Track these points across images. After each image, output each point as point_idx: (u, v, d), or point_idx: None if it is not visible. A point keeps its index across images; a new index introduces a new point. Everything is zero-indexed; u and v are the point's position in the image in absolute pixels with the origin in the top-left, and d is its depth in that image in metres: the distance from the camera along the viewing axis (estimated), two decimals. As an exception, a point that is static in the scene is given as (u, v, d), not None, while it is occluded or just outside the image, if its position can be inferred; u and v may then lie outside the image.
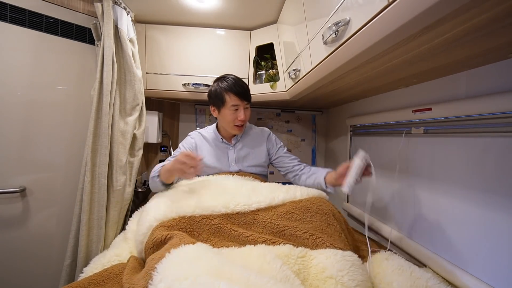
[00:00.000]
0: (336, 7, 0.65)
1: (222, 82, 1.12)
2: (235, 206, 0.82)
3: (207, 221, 0.78)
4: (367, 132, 1.21)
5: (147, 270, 0.60)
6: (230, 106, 1.09)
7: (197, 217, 0.78)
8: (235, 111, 1.11)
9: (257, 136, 1.25)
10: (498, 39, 0.48)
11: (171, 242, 0.68)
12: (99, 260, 0.83)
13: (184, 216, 0.78)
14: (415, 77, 0.79)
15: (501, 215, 0.59)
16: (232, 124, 1.13)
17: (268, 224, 0.79)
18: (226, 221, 0.79)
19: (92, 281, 0.65)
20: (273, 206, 0.84)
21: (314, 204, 0.85)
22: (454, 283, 0.67)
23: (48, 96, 1.16)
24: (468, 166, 0.68)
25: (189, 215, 0.79)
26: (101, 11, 1.12)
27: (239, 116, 1.10)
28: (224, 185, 0.97)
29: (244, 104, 1.11)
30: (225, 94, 1.09)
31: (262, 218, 0.80)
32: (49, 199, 1.18)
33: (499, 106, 0.58)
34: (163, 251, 0.63)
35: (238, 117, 1.11)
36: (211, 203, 0.82)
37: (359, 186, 1.26)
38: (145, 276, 0.59)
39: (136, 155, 1.31)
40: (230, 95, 1.09)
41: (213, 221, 0.78)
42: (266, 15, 1.34)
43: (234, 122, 1.12)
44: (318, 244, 0.73)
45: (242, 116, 1.10)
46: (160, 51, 1.46)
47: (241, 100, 1.09)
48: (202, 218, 0.78)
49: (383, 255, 0.80)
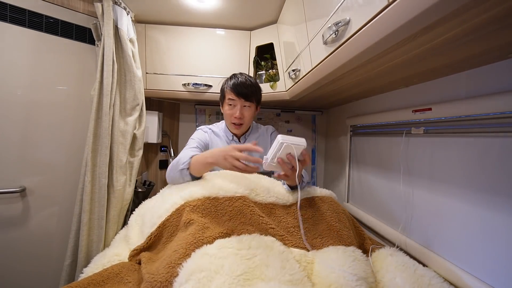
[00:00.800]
0: (336, 7, 0.65)
1: (230, 78, 1.12)
2: (256, 195, 0.86)
3: (230, 202, 0.81)
4: (367, 132, 1.21)
5: (170, 262, 0.62)
6: (227, 100, 1.10)
7: (220, 198, 0.82)
8: (231, 107, 1.10)
9: (263, 133, 1.25)
10: (498, 39, 0.48)
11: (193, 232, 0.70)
12: (99, 260, 0.84)
13: (209, 197, 0.81)
14: (415, 77, 0.79)
15: (501, 215, 0.59)
16: (229, 121, 1.13)
17: (283, 220, 0.82)
18: (247, 204, 0.81)
19: (92, 281, 0.65)
20: (288, 205, 0.88)
21: (325, 203, 0.91)
22: (454, 283, 0.67)
23: (48, 96, 1.16)
24: (468, 166, 0.68)
25: (213, 196, 0.82)
26: (101, 11, 1.12)
27: (234, 113, 1.09)
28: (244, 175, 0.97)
29: (241, 101, 1.08)
30: (225, 89, 1.11)
31: (278, 213, 0.84)
32: (49, 199, 1.18)
33: (499, 106, 0.58)
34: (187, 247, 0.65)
35: (233, 114, 1.09)
36: (233, 186, 0.86)
37: (359, 187, 1.26)
38: (167, 268, 0.61)
39: (136, 155, 1.31)
40: (227, 89, 1.09)
41: (235, 203, 0.80)
42: (266, 15, 1.34)
43: (230, 119, 1.11)
44: (324, 243, 0.77)
45: (238, 114, 1.08)
46: (160, 51, 1.46)
47: (237, 97, 1.07)
48: (225, 200, 0.81)
49: (388, 251, 0.80)
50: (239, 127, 1.14)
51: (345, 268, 0.65)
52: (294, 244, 0.75)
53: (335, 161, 1.64)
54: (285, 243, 0.75)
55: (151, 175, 1.77)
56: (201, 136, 1.16)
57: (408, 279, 0.66)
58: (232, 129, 1.15)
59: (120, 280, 0.67)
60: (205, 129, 1.21)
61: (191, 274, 0.57)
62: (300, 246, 0.76)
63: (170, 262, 0.62)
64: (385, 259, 0.77)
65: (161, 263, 0.64)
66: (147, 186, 1.55)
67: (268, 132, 1.25)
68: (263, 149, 1.13)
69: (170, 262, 0.62)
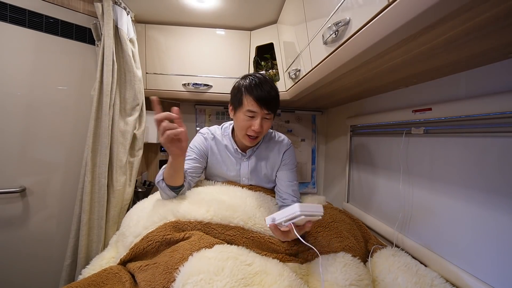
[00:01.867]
0: (336, 7, 0.65)
1: (246, 79, 0.94)
2: (253, 225, 0.81)
3: (223, 230, 0.77)
4: (367, 132, 1.21)
5: (167, 268, 0.61)
6: (246, 111, 0.91)
7: (213, 224, 0.79)
8: (250, 118, 0.92)
9: (274, 146, 1.08)
10: (498, 39, 0.48)
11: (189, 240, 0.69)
12: (97, 261, 0.84)
13: (202, 221, 0.78)
14: (415, 77, 0.79)
15: (502, 215, 0.59)
16: (243, 132, 0.95)
17: (279, 249, 0.79)
18: (240, 235, 0.78)
19: (92, 282, 0.65)
20: None
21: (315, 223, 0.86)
22: (455, 283, 0.67)
23: (48, 96, 1.16)
24: (468, 166, 0.68)
25: (206, 221, 0.79)
26: (101, 11, 1.12)
27: (253, 125, 0.91)
28: (243, 199, 0.92)
29: (263, 113, 0.91)
30: (244, 95, 0.92)
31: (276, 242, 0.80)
32: (49, 199, 1.18)
33: (499, 106, 0.58)
34: (184, 252, 0.65)
35: (252, 126, 0.92)
36: (229, 214, 0.81)
37: (359, 187, 1.26)
38: (164, 274, 0.60)
39: (136, 155, 1.31)
40: (248, 98, 0.90)
41: (228, 231, 0.77)
42: (266, 15, 1.34)
43: (247, 131, 0.94)
44: (315, 255, 0.77)
45: (257, 127, 0.90)
46: (160, 51, 1.46)
47: (260, 107, 0.89)
48: (218, 227, 0.78)
49: (390, 251, 0.80)
50: (255, 140, 0.97)
51: (337, 274, 0.66)
52: (288, 260, 0.77)
53: (335, 161, 1.64)
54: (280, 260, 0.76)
55: (151, 175, 1.77)
56: (199, 144, 1.04)
57: (410, 280, 0.66)
58: (246, 141, 0.97)
59: (119, 280, 0.67)
60: (205, 134, 1.07)
61: (188, 277, 0.56)
62: (294, 260, 0.77)
63: (166, 268, 0.61)
64: (387, 260, 0.77)
65: (157, 269, 0.63)
66: (147, 186, 1.55)
67: (281, 151, 1.07)
68: (267, 160, 1.04)
69: (166, 268, 0.61)
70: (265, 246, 0.78)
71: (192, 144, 1.05)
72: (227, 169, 1.07)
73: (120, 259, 0.75)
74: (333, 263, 0.70)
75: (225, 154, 1.06)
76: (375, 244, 0.88)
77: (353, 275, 0.66)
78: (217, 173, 1.08)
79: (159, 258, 0.68)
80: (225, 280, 0.56)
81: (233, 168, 1.06)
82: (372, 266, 0.77)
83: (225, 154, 1.06)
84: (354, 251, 0.77)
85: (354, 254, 0.75)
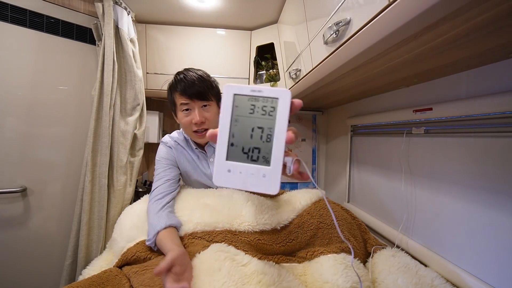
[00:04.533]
0: (337, 7, 0.65)
1: (175, 79, 0.92)
2: (239, 225, 0.78)
3: (210, 237, 0.75)
4: (368, 132, 1.20)
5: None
6: (180, 106, 0.90)
7: (199, 233, 0.77)
8: (187, 112, 0.89)
9: None
10: (498, 39, 0.48)
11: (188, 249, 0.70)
12: (97, 262, 0.85)
13: (186, 233, 0.77)
14: (415, 77, 0.79)
15: (502, 215, 0.59)
16: (190, 130, 0.91)
17: (272, 248, 0.78)
18: (229, 239, 0.75)
19: (92, 282, 0.65)
20: (278, 230, 0.82)
21: (314, 218, 0.84)
22: (455, 283, 0.67)
23: (49, 96, 1.17)
24: (469, 166, 0.68)
25: (190, 232, 0.77)
26: (102, 11, 1.12)
27: (193, 119, 0.88)
28: (228, 197, 0.88)
29: (197, 103, 0.88)
30: (173, 94, 0.91)
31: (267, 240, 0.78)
32: (49, 199, 1.19)
33: (500, 106, 0.58)
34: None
35: (192, 120, 0.88)
36: (214, 219, 0.79)
37: (359, 187, 1.26)
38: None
39: (137, 155, 1.31)
40: (176, 95, 0.90)
41: (215, 237, 0.75)
42: (266, 15, 1.34)
43: (191, 127, 0.90)
44: (315, 254, 0.76)
45: (197, 118, 0.87)
46: (161, 51, 1.46)
47: (190, 99, 0.87)
48: (205, 234, 0.76)
49: (390, 251, 0.80)
50: (203, 134, 0.91)
51: (337, 276, 0.66)
52: (283, 260, 0.76)
53: (336, 161, 1.64)
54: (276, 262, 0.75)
55: (151, 175, 1.77)
56: (165, 154, 0.98)
57: (410, 280, 0.66)
58: (196, 138, 0.93)
59: (118, 282, 0.67)
60: (168, 143, 1.00)
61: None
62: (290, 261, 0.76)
63: None
64: (386, 260, 0.76)
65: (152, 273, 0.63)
66: (147, 186, 1.55)
67: None
68: None
69: None
70: (257, 248, 0.76)
71: (159, 156, 0.98)
72: (200, 172, 0.99)
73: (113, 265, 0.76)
74: (334, 265, 0.70)
75: (193, 157, 1.00)
76: (374, 244, 0.88)
77: (353, 277, 0.66)
78: (193, 178, 1.01)
79: (158, 262, 0.68)
80: (222, 280, 0.56)
81: (206, 171, 0.99)
82: (372, 267, 0.77)
83: (193, 157, 1.00)
84: (354, 253, 0.77)
85: (354, 256, 0.75)
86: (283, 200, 0.94)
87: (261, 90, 0.35)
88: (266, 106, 0.35)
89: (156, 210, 0.82)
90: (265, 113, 0.35)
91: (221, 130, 0.36)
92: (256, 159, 0.35)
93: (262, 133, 0.35)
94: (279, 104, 0.34)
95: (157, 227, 0.75)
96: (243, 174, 0.35)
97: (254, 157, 0.35)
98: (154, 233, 0.75)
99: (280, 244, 0.78)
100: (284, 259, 0.77)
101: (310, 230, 0.82)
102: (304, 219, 0.84)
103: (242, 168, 0.35)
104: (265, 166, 0.35)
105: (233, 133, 0.36)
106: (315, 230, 0.82)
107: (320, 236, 0.81)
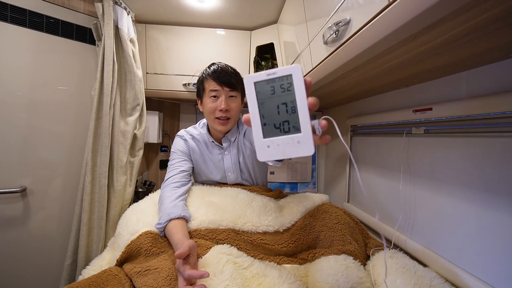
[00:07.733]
0: (337, 7, 0.65)
1: (206, 69, 0.99)
2: (243, 224, 0.80)
3: (213, 235, 0.76)
4: (368, 132, 1.21)
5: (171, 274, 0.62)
6: (208, 92, 0.94)
7: (202, 230, 0.77)
8: (214, 98, 0.94)
9: (251, 134, 1.03)
10: (498, 39, 0.48)
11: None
12: (97, 262, 0.84)
13: (190, 230, 0.78)
14: (415, 77, 0.79)
15: (502, 215, 0.59)
16: (212, 116, 0.95)
17: (275, 248, 0.78)
18: (232, 237, 0.76)
19: (92, 282, 0.65)
20: (281, 232, 0.83)
21: (317, 220, 0.85)
22: (455, 283, 0.67)
23: (49, 96, 1.17)
24: (468, 166, 0.68)
25: (194, 228, 0.78)
26: (102, 11, 1.12)
27: (219, 105, 0.93)
28: (233, 196, 0.90)
29: (226, 91, 0.93)
30: (205, 80, 0.97)
31: (269, 241, 0.78)
32: (49, 199, 1.19)
33: (499, 106, 0.58)
34: None
35: (218, 106, 0.93)
36: (218, 217, 0.80)
37: (359, 187, 1.26)
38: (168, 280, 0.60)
39: (137, 155, 1.31)
40: (209, 80, 0.95)
41: (219, 235, 0.76)
42: (266, 15, 1.34)
43: (215, 113, 0.94)
44: (316, 256, 0.76)
45: (223, 105, 0.92)
46: (161, 51, 1.46)
47: (220, 86, 0.93)
48: (208, 232, 0.77)
49: (388, 253, 0.80)
50: (226, 123, 0.96)
51: (338, 277, 0.66)
52: (285, 261, 0.76)
53: (336, 161, 1.64)
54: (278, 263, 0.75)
55: (151, 175, 1.77)
56: (181, 147, 1.03)
57: (409, 281, 0.66)
58: (217, 126, 0.97)
59: (119, 282, 0.67)
60: (184, 136, 1.06)
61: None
62: (292, 262, 0.77)
63: (170, 273, 0.62)
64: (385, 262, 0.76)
65: (159, 274, 0.63)
66: (147, 186, 1.55)
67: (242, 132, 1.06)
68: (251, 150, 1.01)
69: (170, 273, 0.62)
70: (259, 248, 0.77)
71: (175, 148, 1.03)
72: (212, 166, 1.04)
73: (116, 260, 0.75)
74: (335, 266, 0.69)
75: (206, 152, 1.04)
76: (373, 246, 0.88)
77: (354, 278, 0.66)
78: (203, 174, 1.06)
79: (160, 263, 0.67)
80: (224, 283, 0.57)
81: (218, 164, 1.04)
82: (372, 268, 0.77)
83: (205, 152, 1.04)
84: (355, 255, 0.77)
85: (355, 258, 0.75)
86: (287, 202, 0.95)
87: (275, 72, 0.40)
88: (283, 83, 0.40)
89: (173, 198, 0.84)
90: (284, 90, 0.40)
91: (252, 115, 0.41)
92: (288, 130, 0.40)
93: (286, 107, 0.40)
94: (293, 78, 0.39)
95: (172, 215, 0.77)
96: (281, 146, 0.40)
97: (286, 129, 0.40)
98: (168, 219, 0.76)
99: (282, 245, 0.79)
100: (286, 260, 0.77)
101: (313, 232, 0.83)
102: (306, 221, 0.85)
103: (279, 141, 0.40)
104: (297, 133, 0.39)
105: (263, 114, 0.40)
106: (317, 233, 0.82)
107: (322, 238, 0.81)
